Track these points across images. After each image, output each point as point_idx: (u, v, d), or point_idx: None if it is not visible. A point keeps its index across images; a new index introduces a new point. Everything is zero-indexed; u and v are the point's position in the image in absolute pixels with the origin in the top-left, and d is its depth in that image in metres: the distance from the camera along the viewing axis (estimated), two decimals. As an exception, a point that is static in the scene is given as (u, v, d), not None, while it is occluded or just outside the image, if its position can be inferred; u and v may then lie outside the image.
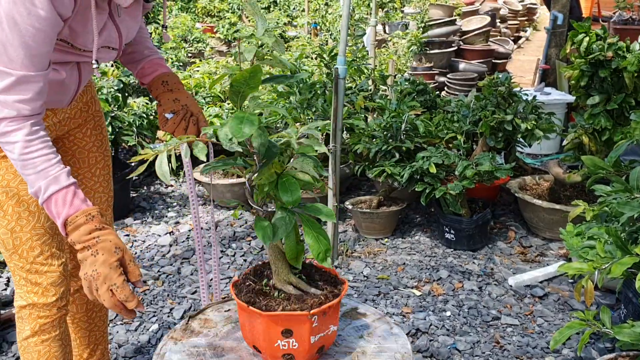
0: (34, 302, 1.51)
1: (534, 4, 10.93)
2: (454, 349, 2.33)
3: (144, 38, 1.60)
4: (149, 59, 1.58)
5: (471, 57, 6.83)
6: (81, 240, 1.20)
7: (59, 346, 1.57)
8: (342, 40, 2.71)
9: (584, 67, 2.98)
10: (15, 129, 1.22)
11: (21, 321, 1.54)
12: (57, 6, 1.17)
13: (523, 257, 3.10)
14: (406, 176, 3.11)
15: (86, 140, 1.65)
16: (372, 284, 2.83)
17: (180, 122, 1.48)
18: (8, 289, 2.86)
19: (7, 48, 1.16)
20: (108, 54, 1.44)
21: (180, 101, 1.52)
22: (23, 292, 1.51)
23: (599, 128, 3.01)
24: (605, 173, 2.06)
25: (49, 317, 1.53)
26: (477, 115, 3.48)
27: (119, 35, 1.40)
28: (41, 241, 1.48)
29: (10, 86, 1.19)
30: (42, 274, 1.49)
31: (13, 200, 1.43)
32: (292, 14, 10.93)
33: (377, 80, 4.42)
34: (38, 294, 1.50)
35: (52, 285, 1.51)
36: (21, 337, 1.55)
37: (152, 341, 2.44)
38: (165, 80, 1.55)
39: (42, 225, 1.47)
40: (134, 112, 3.82)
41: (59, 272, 1.52)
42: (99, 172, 1.70)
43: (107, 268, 1.17)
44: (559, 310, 2.60)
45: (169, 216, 3.73)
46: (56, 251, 1.51)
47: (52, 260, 1.50)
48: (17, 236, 1.45)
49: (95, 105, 1.68)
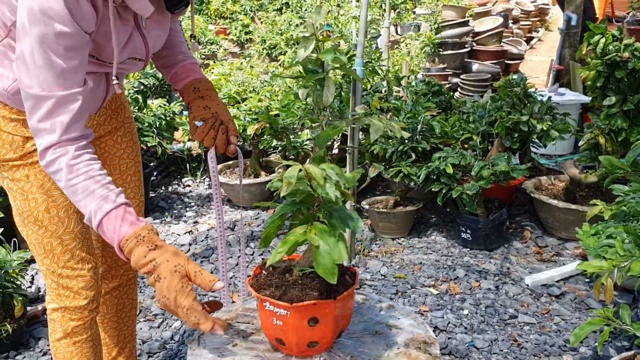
0: (66, 306, 1.53)
1: (546, 4, 10.90)
2: (472, 347, 2.36)
3: (179, 42, 1.58)
4: (182, 64, 1.56)
5: (484, 58, 6.84)
6: (139, 266, 1.18)
7: (90, 347, 1.60)
8: (359, 42, 2.75)
9: (600, 68, 3.00)
10: (59, 155, 1.20)
11: (53, 323, 1.57)
12: (78, 21, 1.15)
13: (539, 257, 3.12)
14: (423, 176, 3.14)
15: (117, 147, 1.65)
16: (389, 283, 2.87)
17: (209, 130, 1.44)
18: (33, 286, 2.93)
19: (38, 71, 1.15)
20: (135, 65, 1.43)
21: (211, 109, 1.48)
22: (55, 295, 1.54)
23: (616, 128, 3.02)
24: (623, 173, 2.09)
25: (81, 319, 1.56)
26: (493, 116, 3.51)
27: (145, 46, 1.39)
28: (71, 246, 1.49)
29: (52, 110, 1.18)
30: (73, 278, 1.52)
31: (43, 207, 1.45)
32: (304, 15, 10.98)
33: (391, 82, 4.45)
34: (70, 298, 1.53)
35: (83, 289, 1.53)
36: (53, 338, 1.58)
37: (175, 337, 2.49)
38: (197, 86, 1.52)
39: (71, 231, 1.49)
40: (154, 113, 3.89)
41: (90, 275, 1.54)
42: (130, 179, 1.70)
43: (173, 292, 1.15)
44: (575, 309, 2.62)
45: (187, 216, 3.79)
46: (86, 255, 1.53)
47: (82, 264, 1.52)
48: (48, 241, 1.47)
49: (125, 112, 1.68)
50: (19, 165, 1.42)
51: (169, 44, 1.56)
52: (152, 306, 2.72)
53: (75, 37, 1.16)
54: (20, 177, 1.43)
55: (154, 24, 1.38)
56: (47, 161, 1.21)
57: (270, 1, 11.31)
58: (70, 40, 1.15)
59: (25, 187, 1.44)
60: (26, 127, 1.39)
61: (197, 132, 1.45)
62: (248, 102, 4.15)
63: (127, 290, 1.85)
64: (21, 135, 1.40)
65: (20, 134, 1.40)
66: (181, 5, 1.32)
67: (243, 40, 10.23)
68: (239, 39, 10.28)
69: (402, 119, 3.45)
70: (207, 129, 1.44)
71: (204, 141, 1.44)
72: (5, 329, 2.34)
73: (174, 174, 4.48)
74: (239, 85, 5.08)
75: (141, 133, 3.70)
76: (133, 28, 1.33)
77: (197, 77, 1.55)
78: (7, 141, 1.40)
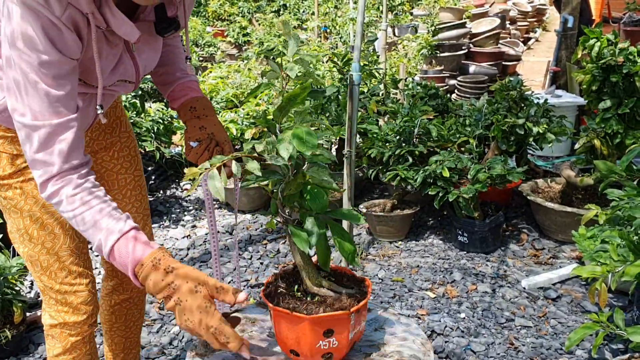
0: (65, 321, 1.52)
1: (543, 5, 10.92)
2: (469, 350, 2.38)
3: (177, 59, 1.54)
4: (180, 82, 1.52)
5: (481, 60, 6.86)
6: (157, 291, 1.13)
7: None
8: (356, 47, 2.76)
9: (595, 71, 3.01)
10: (60, 186, 1.18)
11: (51, 339, 1.55)
12: (62, 50, 1.13)
13: (536, 260, 3.14)
14: (420, 180, 3.16)
15: (114, 163, 1.63)
16: (387, 287, 2.88)
17: (204, 152, 1.41)
18: (32, 292, 2.94)
19: (30, 100, 1.13)
20: (124, 87, 1.40)
21: (207, 129, 1.44)
22: (53, 312, 1.52)
23: (611, 132, 3.04)
24: (618, 177, 2.10)
25: (80, 334, 1.55)
26: (489, 120, 3.53)
27: (136, 69, 1.36)
28: (68, 262, 1.48)
29: (48, 139, 1.15)
30: (72, 294, 1.50)
31: (37, 224, 1.43)
32: (302, 17, 11.01)
33: (388, 85, 4.47)
34: (69, 313, 1.52)
35: (82, 304, 1.52)
36: (52, 354, 1.57)
37: (174, 342, 2.51)
38: (194, 105, 1.48)
39: (67, 247, 1.47)
40: (151, 117, 3.90)
41: (88, 290, 1.52)
42: (130, 194, 1.67)
43: (198, 314, 1.11)
44: (572, 312, 2.64)
45: (185, 220, 3.80)
46: (84, 270, 1.52)
47: (80, 279, 1.51)
48: (45, 258, 1.46)
49: (121, 127, 1.65)
50: (11, 183, 1.41)
51: (166, 61, 1.53)
52: (151, 311, 2.73)
53: (62, 65, 1.14)
54: (12, 195, 1.42)
55: (144, 46, 1.36)
56: (49, 193, 1.19)
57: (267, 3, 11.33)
58: (57, 68, 1.14)
59: (19, 204, 1.42)
60: (15, 144, 1.37)
61: (192, 153, 1.42)
62: (246, 107, 4.17)
63: (137, 302, 1.85)
64: (9, 152, 1.38)
65: (8, 152, 1.38)
66: (171, 29, 1.31)
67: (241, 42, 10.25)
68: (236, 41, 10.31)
69: (399, 122, 3.46)
70: (201, 150, 1.41)
71: (198, 162, 1.40)
72: (5, 334, 2.35)
73: (172, 178, 4.50)
74: (237, 88, 5.10)
75: (139, 138, 3.71)
76: (123, 51, 1.31)
77: (194, 96, 1.51)
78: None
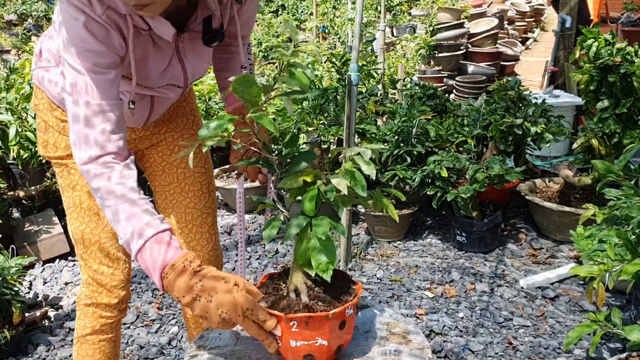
0: (98, 302, 1.61)
1: (541, 5, 10.93)
2: (467, 350, 2.38)
3: (237, 67, 1.60)
4: None
5: (480, 60, 6.86)
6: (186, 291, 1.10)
7: (112, 348, 1.68)
8: (354, 47, 2.77)
9: (593, 72, 3.02)
10: (102, 172, 1.20)
11: (83, 318, 1.64)
12: (107, 45, 1.22)
13: (534, 259, 3.15)
14: (418, 180, 3.16)
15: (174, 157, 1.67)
16: (385, 286, 2.89)
17: (242, 156, 1.46)
18: (31, 292, 2.94)
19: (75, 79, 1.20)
20: (172, 91, 1.49)
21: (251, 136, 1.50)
22: (89, 291, 1.61)
23: (609, 132, 3.05)
24: (615, 177, 2.11)
25: (110, 317, 1.64)
26: (487, 120, 3.53)
27: (184, 74, 1.45)
28: (108, 244, 1.57)
29: (90, 116, 1.21)
30: (108, 276, 1.59)
31: (85, 204, 1.54)
32: (301, 17, 11.01)
33: (386, 85, 4.47)
34: (102, 294, 1.61)
35: (116, 288, 1.61)
36: (80, 333, 1.65)
37: (173, 342, 2.51)
38: (243, 112, 1.52)
39: (110, 230, 1.56)
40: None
41: (123, 275, 1.62)
42: (189, 188, 1.70)
43: (230, 298, 1.09)
44: (570, 311, 2.65)
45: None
46: (122, 255, 1.61)
47: (117, 263, 1.60)
48: (87, 237, 1.56)
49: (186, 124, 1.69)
50: (67, 163, 1.53)
51: (227, 67, 1.61)
52: (150, 311, 2.74)
53: (106, 56, 1.22)
54: (67, 174, 1.54)
55: (193, 54, 1.43)
56: (92, 174, 1.21)
57: (266, 3, 11.33)
58: (103, 58, 1.22)
59: (72, 183, 1.54)
60: None
61: (232, 156, 1.54)
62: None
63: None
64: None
65: (68, 135, 1.48)
66: (215, 40, 1.38)
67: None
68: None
69: (398, 122, 3.47)
70: (240, 155, 1.48)
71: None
72: (4, 335, 2.35)
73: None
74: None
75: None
76: (173, 56, 1.39)
77: None
78: (58, 140, 1.52)
